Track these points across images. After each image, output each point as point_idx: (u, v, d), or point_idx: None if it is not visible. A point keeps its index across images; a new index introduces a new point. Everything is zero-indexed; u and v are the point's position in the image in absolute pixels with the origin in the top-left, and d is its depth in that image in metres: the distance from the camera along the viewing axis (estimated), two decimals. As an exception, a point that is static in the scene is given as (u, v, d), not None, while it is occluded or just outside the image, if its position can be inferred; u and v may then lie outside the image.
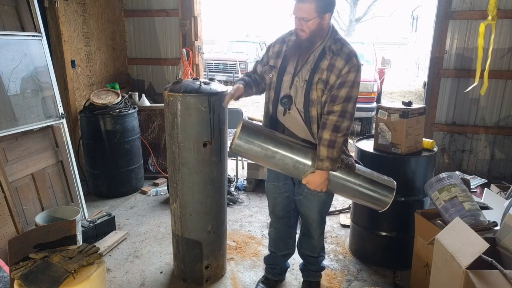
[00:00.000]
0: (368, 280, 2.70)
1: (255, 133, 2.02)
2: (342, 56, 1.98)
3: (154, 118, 4.53)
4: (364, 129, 6.64)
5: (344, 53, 1.98)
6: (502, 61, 3.92)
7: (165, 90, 2.34)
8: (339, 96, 1.97)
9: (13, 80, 2.88)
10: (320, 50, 2.02)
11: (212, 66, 9.77)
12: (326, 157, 1.97)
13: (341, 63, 1.97)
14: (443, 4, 3.95)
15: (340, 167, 2.05)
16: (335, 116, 1.98)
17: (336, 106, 1.98)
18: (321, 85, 1.99)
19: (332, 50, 1.99)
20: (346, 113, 1.99)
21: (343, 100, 1.97)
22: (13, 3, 3.01)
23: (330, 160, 1.97)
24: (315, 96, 2.02)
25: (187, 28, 4.75)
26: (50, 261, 1.90)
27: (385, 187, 2.16)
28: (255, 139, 2.00)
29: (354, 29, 22.03)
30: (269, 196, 2.44)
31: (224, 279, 2.71)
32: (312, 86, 2.01)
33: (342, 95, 1.97)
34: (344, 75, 1.97)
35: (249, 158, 2.18)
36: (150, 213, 3.69)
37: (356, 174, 2.12)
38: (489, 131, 4.10)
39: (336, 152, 1.99)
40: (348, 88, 1.97)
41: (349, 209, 3.63)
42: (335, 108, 1.98)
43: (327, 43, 2.01)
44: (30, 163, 3.05)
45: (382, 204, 2.17)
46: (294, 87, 2.07)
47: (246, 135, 1.99)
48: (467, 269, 1.69)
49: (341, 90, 1.97)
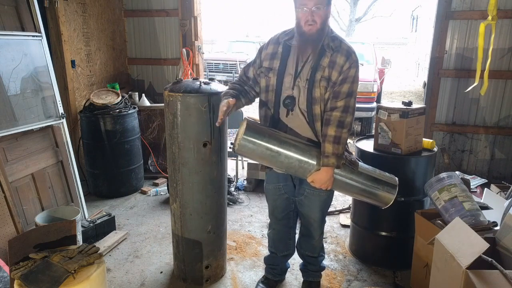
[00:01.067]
0: (368, 280, 2.70)
1: (259, 133, 1.98)
2: (342, 52, 1.99)
3: (154, 118, 4.53)
4: (364, 129, 6.64)
5: (343, 50, 2.00)
6: (502, 61, 3.92)
7: (165, 90, 2.34)
8: (342, 92, 1.98)
9: (13, 80, 2.88)
10: (319, 48, 2.02)
11: (212, 66, 9.77)
12: (331, 153, 1.96)
13: (342, 60, 1.98)
14: (443, 4, 3.96)
15: (344, 164, 2.04)
16: (338, 112, 1.98)
17: (339, 102, 1.98)
18: (324, 82, 2.00)
19: (331, 47, 2.00)
20: (349, 108, 2.00)
21: (346, 95, 1.98)
22: (13, 3, 3.01)
23: (336, 156, 1.97)
24: (318, 94, 2.01)
25: (187, 28, 4.75)
26: (50, 261, 1.90)
27: (387, 184, 2.16)
28: (259, 139, 1.97)
29: (354, 29, 22.02)
30: (268, 198, 2.43)
31: (224, 279, 2.71)
32: (315, 84, 2.00)
33: (344, 91, 1.98)
34: (345, 71, 1.98)
35: (252, 159, 2.14)
36: (150, 213, 3.69)
37: (359, 171, 2.12)
38: (489, 131, 4.10)
39: (342, 148, 1.99)
40: (349, 84, 1.99)
41: (349, 209, 3.63)
42: (338, 104, 1.98)
43: (325, 40, 2.01)
44: (30, 163, 3.05)
45: (385, 201, 2.17)
46: (297, 87, 2.05)
47: (250, 135, 1.95)
48: (467, 269, 1.68)
49: (343, 86, 1.98)
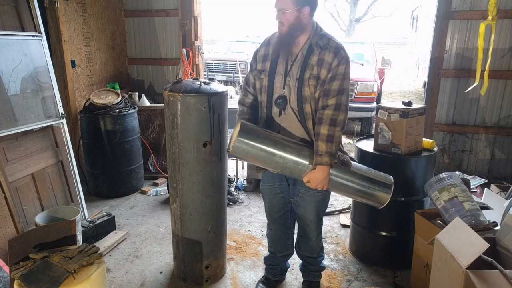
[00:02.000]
0: (368, 280, 2.70)
1: (253, 135, 1.99)
2: (330, 50, 2.00)
3: (154, 118, 4.53)
4: (364, 129, 6.63)
5: (331, 47, 2.00)
6: (502, 61, 3.92)
7: (165, 90, 2.34)
8: (332, 90, 1.98)
9: (13, 80, 2.88)
10: (307, 46, 2.03)
11: (212, 66, 9.76)
12: (325, 151, 1.97)
13: (330, 57, 1.99)
14: (443, 4, 3.96)
15: (336, 163, 2.04)
16: (330, 110, 1.98)
17: (331, 100, 1.98)
18: (313, 81, 2.01)
19: (319, 45, 2.01)
20: (341, 106, 1.99)
21: (337, 93, 1.98)
22: (13, 3, 3.01)
23: (329, 154, 1.97)
24: (307, 93, 2.02)
25: (187, 28, 4.75)
26: (50, 261, 1.90)
27: (382, 184, 2.16)
28: (254, 141, 1.97)
29: (354, 29, 22.03)
30: (265, 198, 2.44)
31: (224, 279, 2.71)
32: (304, 82, 2.02)
33: (335, 88, 1.98)
34: (334, 69, 1.98)
35: (247, 160, 2.15)
36: (150, 213, 3.69)
37: (353, 172, 2.12)
38: (489, 131, 4.10)
39: (335, 146, 1.99)
40: (340, 81, 1.98)
41: (349, 209, 3.63)
42: (329, 102, 1.98)
43: (313, 39, 2.03)
44: (30, 163, 3.05)
45: (381, 201, 2.17)
46: (287, 87, 2.07)
47: (244, 137, 1.96)
48: (467, 269, 1.68)
49: (333, 84, 1.98)
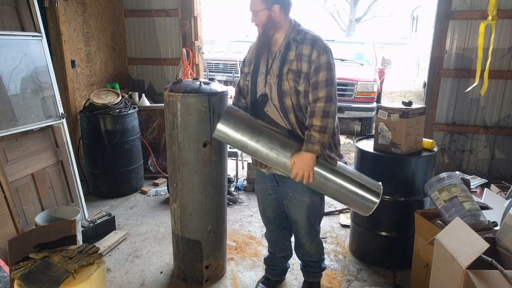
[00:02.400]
0: (368, 280, 2.70)
1: (238, 119, 2.02)
2: (306, 42, 2.01)
3: (154, 118, 4.53)
4: (364, 129, 6.63)
5: (308, 40, 2.02)
6: (502, 61, 3.92)
7: (165, 90, 2.34)
8: (320, 81, 1.98)
9: (13, 80, 2.88)
10: (285, 43, 2.05)
11: (212, 66, 9.75)
12: (317, 140, 1.96)
13: (308, 49, 2.00)
14: (443, 4, 3.96)
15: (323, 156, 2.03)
16: (322, 103, 1.97)
17: (321, 92, 1.97)
18: (291, 75, 2.02)
19: (296, 40, 2.03)
20: (332, 97, 1.99)
21: (325, 84, 1.97)
22: (13, 3, 3.01)
23: (321, 144, 1.97)
24: (287, 87, 2.04)
25: (187, 28, 4.75)
26: (50, 261, 1.90)
27: (369, 191, 2.04)
28: (238, 125, 2.00)
29: (354, 29, 22.02)
30: (258, 198, 2.46)
31: (224, 279, 2.71)
32: (283, 77, 2.03)
33: (322, 79, 1.97)
34: (315, 60, 1.98)
35: (233, 145, 2.13)
36: (150, 213, 3.69)
37: (338, 171, 2.07)
38: (489, 131, 4.10)
39: (327, 137, 1.99)
40: (325, 71, 1.98)
41: (349, 209, 3.63)
42: (320, 95, 1.98)
43: (290, 35, 2.05)
44: (30, 163, 3.05)
45: (365, 209, 2.05)
46: (268, 84, 2.10)
47: (228, 120, 2.00)
48: (467, 269, 1.68)
49: (319, 75, 1.98)
